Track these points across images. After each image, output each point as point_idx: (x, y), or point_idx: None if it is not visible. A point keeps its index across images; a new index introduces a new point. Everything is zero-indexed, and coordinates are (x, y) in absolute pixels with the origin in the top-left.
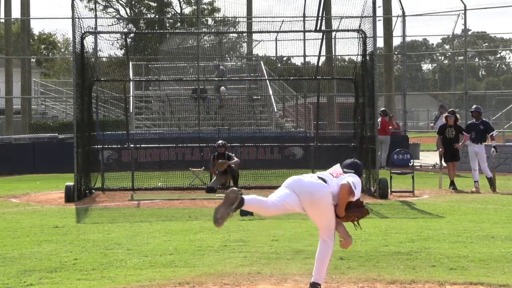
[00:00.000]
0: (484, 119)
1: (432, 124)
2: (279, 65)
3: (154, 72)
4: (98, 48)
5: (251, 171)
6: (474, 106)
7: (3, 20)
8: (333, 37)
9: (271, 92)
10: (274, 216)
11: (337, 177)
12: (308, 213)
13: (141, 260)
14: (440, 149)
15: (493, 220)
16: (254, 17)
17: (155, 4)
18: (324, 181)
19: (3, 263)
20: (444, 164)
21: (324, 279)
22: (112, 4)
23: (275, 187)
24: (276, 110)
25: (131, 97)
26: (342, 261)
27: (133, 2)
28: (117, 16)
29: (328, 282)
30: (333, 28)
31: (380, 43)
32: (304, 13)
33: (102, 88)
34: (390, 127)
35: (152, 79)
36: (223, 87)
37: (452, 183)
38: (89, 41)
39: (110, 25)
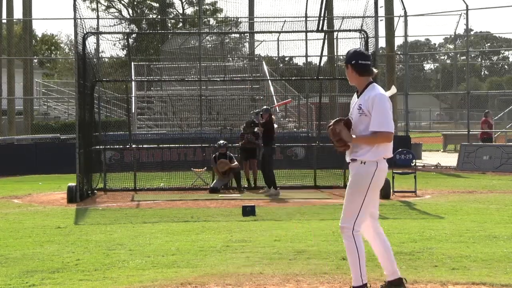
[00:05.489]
0: None
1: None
2: (281, 65)
3: (156, 72)
4: (100, 49)
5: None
6: None
7: (5, 21)
8: (335, 37)
9: (273, 92)
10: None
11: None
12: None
13: (143, 260)
14: None
15: (496, 220)
16: (256, 17)
17: (157, 4)
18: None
19: (5, 263)
20: None
21: (362, 276)
22: (114, 5)
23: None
24: (278, 110)
25: (133, 98)
26: (344, 261)
27: (135, 3)
28: (119, 17)
29: (331, 282)
30: (335, 28)
31: (382, 43)
32: (306, 13)
33: (104, 88)
34: None
35: (154, 79)
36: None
37: None
38: (91, 41)
39: (112, 26)
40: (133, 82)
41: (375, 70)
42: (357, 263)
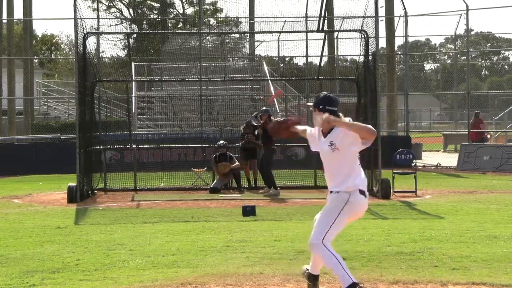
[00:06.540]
0: None
1: None
2: (281, 65)
3: (156, 72)
4: (100, 49)
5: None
6: None
7: (5, 21)
8: (335, 37)
9: (273, 93)
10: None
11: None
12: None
13: (143, 260)
14: None
15: (496, 220)
16: (256, 17)
17: (158, 4)
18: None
19: (5, 263)
20: None
21: (349, 275)
22: (115, 4)
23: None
24: (278, 111)
25: (134, 98)
26: (344, 261)
27: (135, 3)
28: (120, 17)
29: (331, 282)
30: (335, 28)
31: (382, 43)
32: (306, 13)
33: (104, 88)
34: None
35: (155, 79)
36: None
37: None
38: (91, 41)
39: (113, 25)
40: (133, 82)
41: (341, 115)
42: (339, 266)
